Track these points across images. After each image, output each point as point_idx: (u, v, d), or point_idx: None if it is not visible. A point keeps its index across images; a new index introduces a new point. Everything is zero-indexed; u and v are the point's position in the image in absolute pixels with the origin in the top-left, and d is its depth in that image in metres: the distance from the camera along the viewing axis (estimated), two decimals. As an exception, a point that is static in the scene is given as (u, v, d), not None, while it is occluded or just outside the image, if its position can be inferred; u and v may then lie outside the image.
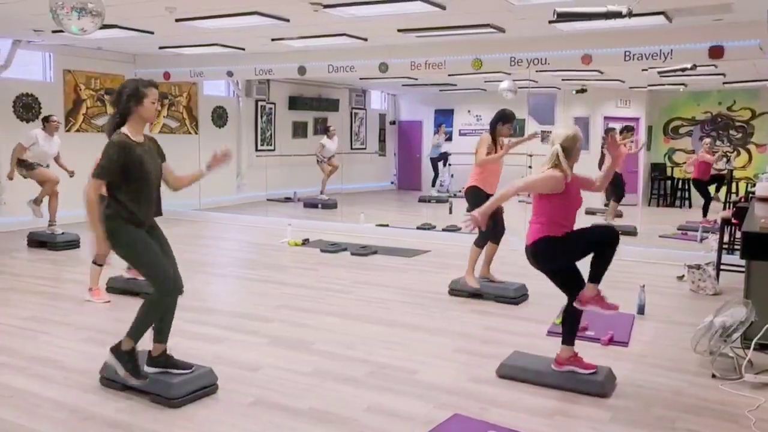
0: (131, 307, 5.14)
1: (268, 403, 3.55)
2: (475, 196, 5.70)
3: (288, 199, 13.52)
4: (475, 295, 5.79)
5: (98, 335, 4.65)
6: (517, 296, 5.68)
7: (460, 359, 4.31)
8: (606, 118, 14.50)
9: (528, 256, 3.76)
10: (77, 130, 10.13)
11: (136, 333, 3.48)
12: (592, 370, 3.76)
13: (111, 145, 3.37)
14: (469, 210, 5.81)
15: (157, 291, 3.47)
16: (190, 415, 3.40)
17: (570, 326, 3.83)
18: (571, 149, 3.62)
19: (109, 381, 3.70)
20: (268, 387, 3.77)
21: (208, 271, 7.17)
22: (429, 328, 5.00)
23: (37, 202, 8.06)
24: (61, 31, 6.52)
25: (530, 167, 12.27)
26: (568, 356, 3.81)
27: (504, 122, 5.78)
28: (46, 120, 8.06)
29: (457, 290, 5.90)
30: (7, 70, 9.11)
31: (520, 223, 3.75)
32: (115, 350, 3.48)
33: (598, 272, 3.65)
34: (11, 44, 9.03)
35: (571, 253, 3.69)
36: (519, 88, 11.98)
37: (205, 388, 3.61)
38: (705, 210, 10.32)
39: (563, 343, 3.84)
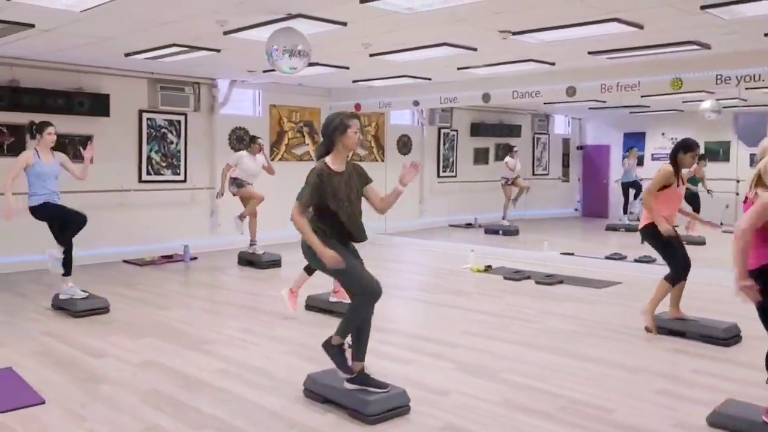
0: (329, 327, 5.49)
1: (458, 429, 3.58)
2: (656, 236, 5.28)
3: (469, 225, 13.59)
4: (677, 332, 5.37)
5: (300, 349, 5.02)
6: (727, 337, 5.16)
7: (663, 402, 4.01)
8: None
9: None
10: (280, 159, 11.09)
11: (342, 332, 3.80)
12: None
13: (312, 172, 3.71)
14: (655, 246, 5.39)
15: (357, 297, 3.74)
16: (384, 433, 3.54)
17: None
18: None
19: (311, 393, 3.98)
20: (458, 413, 3.80)
21: (395, 293, 7.40)
22: (624, 365, 4.73)
23: (241, 217, 8.80)
24: (272, 70, 7.25)
25: (737, 194, 11.21)
26: None
27: (686, 151, 5.33)
28: (252, 141, 8.89)
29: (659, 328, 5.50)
30: (225, 107, 10.29)
31: (724, 253, 3.42)
32: (326, 344, 3.82)
33: None
34: (228, 84, 10.19)
35: None
36: (724, 107, 11.05)
37: (398, 408, 3.74)
38: None
39: None
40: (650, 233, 5.37)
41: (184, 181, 9.98)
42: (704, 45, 7.06)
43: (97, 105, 8.74)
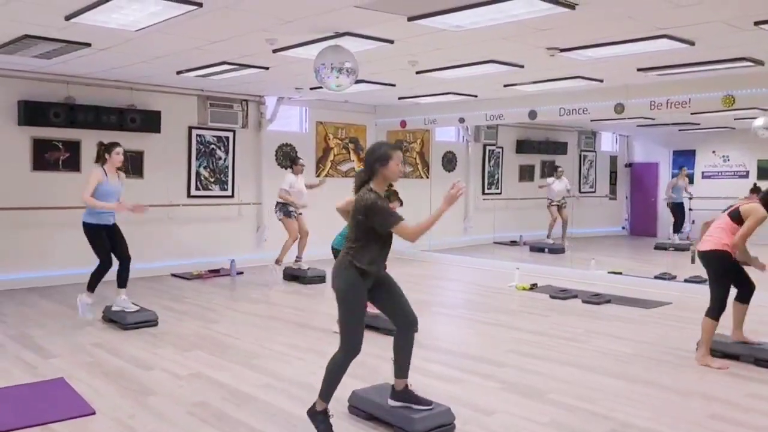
0: (372, 342, 5.47)
1: (505, 450, 3.52)
2: (723, 262, 5.09)
3: (514, 243, 13.45)
4: (731, 355, 5.19)
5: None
6: (784, 361, 4.98)
7: (716, 427, 3.87)
8: None
9: None
10: (326, 175, 11.19)
11: (326, 394, 3.62)
12: None
13: (370, 201, 3.52)
14: (712, 274, 5.18)
15: (342, 351, 3.59)
16: (430, 452, 3.50)
17: None
18: None
19: (355, 409, 3.97)
20: (505, 433, 3.74)
21: (439, 311, 7.37)
22: (676, 388, 4.59)
23: (278, 262, 8.91)
24: (319, 88, 7.35)
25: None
26: None
27: None
28: (294, 163, 9.05)
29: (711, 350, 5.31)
30: (273, 124, 10.47)
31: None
32: (310, 412, 3.67)
33: None
34: (276, 101, 10.37)
35: None
36: (779, 124, 10.72)
37: (443, 426, 3.70)
38: None
39: None
40: (713, 259, 5.14)
41: (232, 196, 10.17)
42: (757, 61, 6.88)
43: (149, 121, 9.00)
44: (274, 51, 6.51)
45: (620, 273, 9.37)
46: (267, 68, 7.54)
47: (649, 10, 5.04)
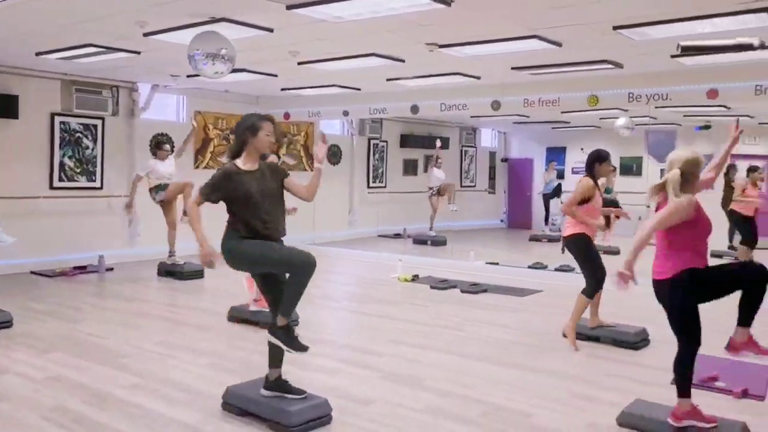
0: (251, 338, 5.35)
1: (381, 438, 3.54)
2: (583, 244, 5.42)
3: (398, 236, 13.66)
4: (592, 338, 5.55)
5: (220, 361, 4.86)
6: (637, 341, 5.38)
7: (578, 404, 4.12)
8: (732, 156, 13.59)
9: (663, 290, 3.48)
10: (205, 167, 10.79)
11: (286, 310, 3.64)
12: (713, 424, 3.46)
13: (217, 170, 3.66)
14: (579, 260, 5.49)
15: (300, 268, 3.58)
16: (306, 445, 3.45)
17: (683, 377, 3.49)
18: (690, 174, 3.40)
19: (229, 405, 3.85)
20: (381, 421, 3.77)
21: (322, 303, 7.31)
22: (544, 370, 4.83)
23: (185, 213, 8.51)
24: (196, 75, 7.05)
25: (648, 206, 11.76)
26: (685, 410, 3.50)
27: (601, 162, 5.52)
28: (158, 147, 8.81)
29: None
30: (146, 112, 9.92)
31: (639, 263, 3.49)
32: (272, 330, 3.66)
33: (748, 315, 3.41)
34: (150, 88, 9.85)
35: (715, 289, 3.42)
36: (636, 125, 11.58)
37: (320, 418, 3.67)
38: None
39: (679, 395, 3.52)
40: (573, 243, 5.48)
41: (101, 188, 9.56)
42: (617, 64, 7.38)
43: (5, 106, 8.25)
44: (145, 35, 6.17)
45: (497, 264, 9.76)
46: (138, 53, 7.14)
47: (521, 10, 5.24)
